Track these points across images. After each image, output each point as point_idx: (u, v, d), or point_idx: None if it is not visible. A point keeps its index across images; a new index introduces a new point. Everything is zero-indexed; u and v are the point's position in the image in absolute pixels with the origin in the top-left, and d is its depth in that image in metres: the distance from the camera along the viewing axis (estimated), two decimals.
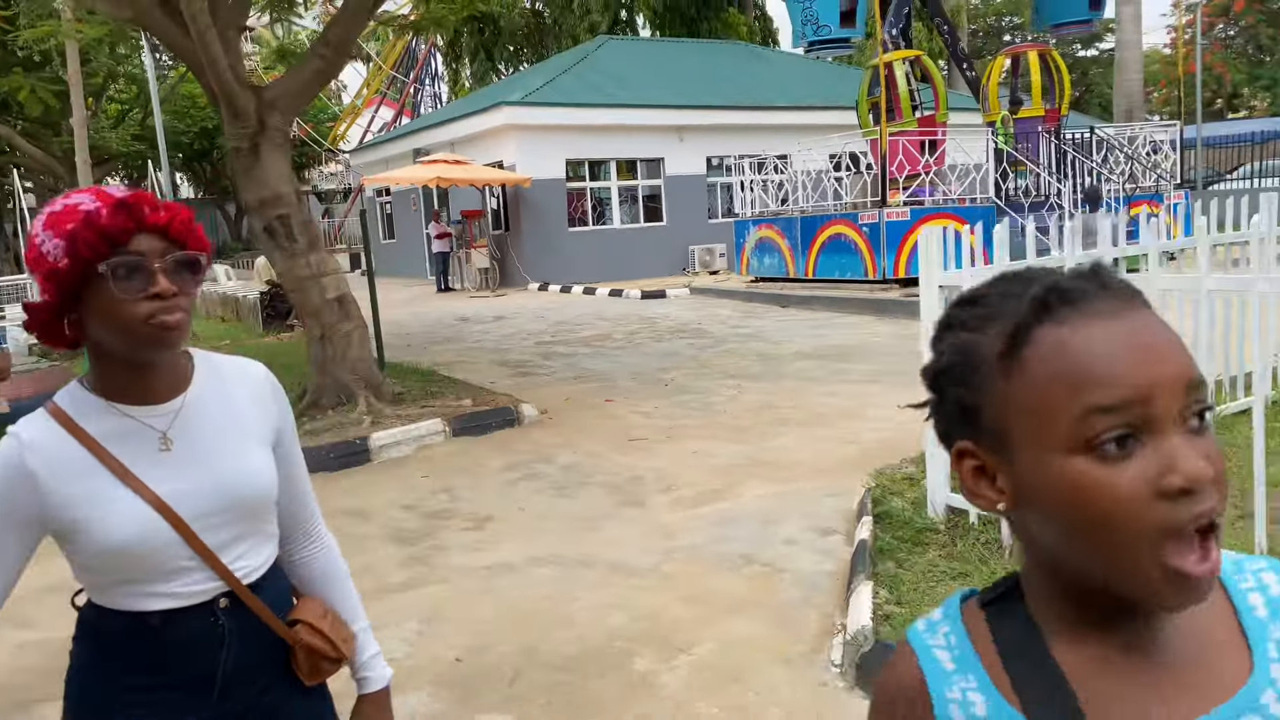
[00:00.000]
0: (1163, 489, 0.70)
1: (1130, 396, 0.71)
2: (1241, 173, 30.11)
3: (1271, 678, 0.76)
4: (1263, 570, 0.81)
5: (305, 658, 1.59)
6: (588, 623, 3.99)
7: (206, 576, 1.49)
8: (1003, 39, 50.55)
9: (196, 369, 1.57)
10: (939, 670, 0.83)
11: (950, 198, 15.72)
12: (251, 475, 1.54)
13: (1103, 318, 0.74)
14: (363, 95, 40.61)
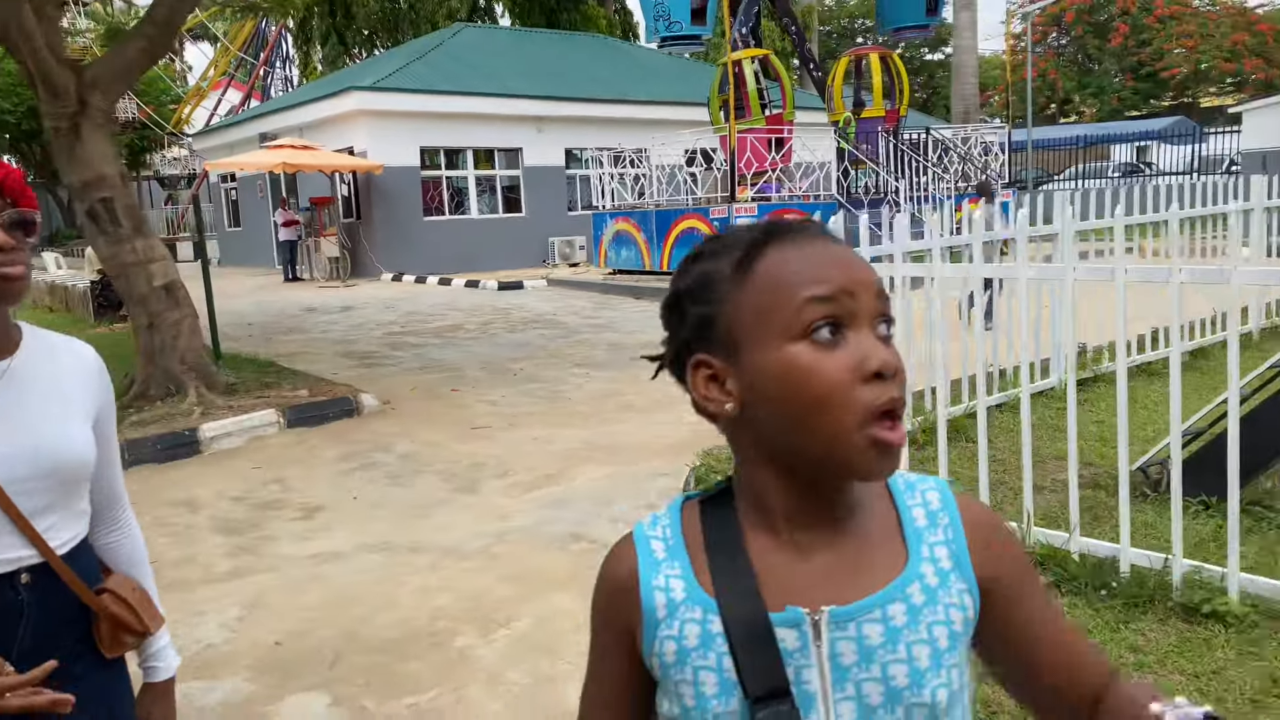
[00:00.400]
0: (863, 373, 0.84)
1: (838, 290, 0.86)
2: (1069, 174, 32.12)
3: (920, 573, 0.90)
4: (929, 489, 0.96)
5: (108, 628, 1.59)
6: (412, 605, 4.03)
7: (16, 543, 1.48)
8: (855, 40, 52.34)
9: (25, 339, 1.57)
10: (651, 559, 0.95)
11: (796, 194, 16.26)
12: (72, 444, 1.54)
13: (813, 243, 0.90)
14: (209, 77, 38.94)
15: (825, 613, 0.88)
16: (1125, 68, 46.06)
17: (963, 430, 5.62)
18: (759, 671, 0.86)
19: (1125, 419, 3.68)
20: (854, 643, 0.88)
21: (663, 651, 0.91)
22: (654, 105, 24.12)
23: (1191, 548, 3.75)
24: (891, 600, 0.88)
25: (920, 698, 0.87)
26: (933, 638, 0.88)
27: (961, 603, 0.91)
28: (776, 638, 0.87)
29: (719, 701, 0.88)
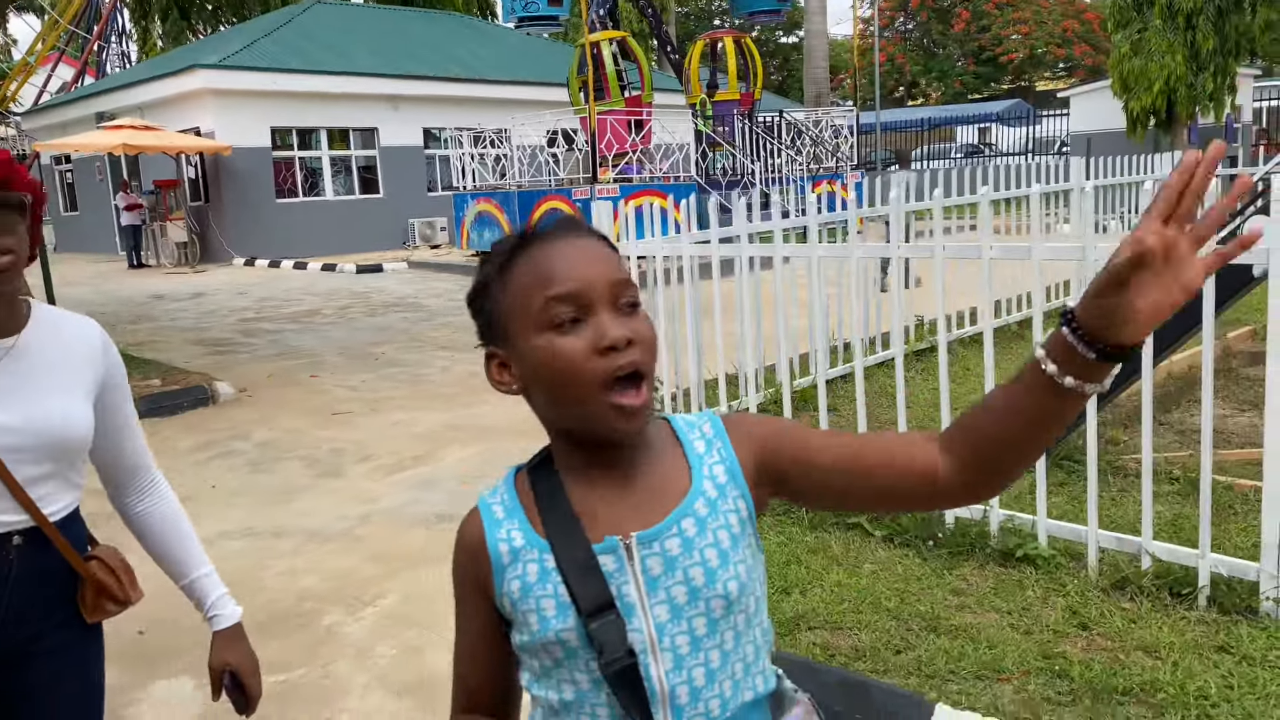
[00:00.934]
0: (597, 347, 1.01)
1: (574, 290, 1.03)
2: (915, 154, 33.54)
3: (702, 490, 1.09)
4: (704, 422, 1.16)
5: (93, 594, 1.68)
6: (278, 588, 4.05)
7: (8, 506, 1.57)
8: (711, 23, 53.10)
9: (33, 316, 1.66)
10: (493, 519, 1.13)
11: (656, 175, 16.54)
12: (69, 419, 1.62)
13: (562, 242, 1.07)
14: (37, 52, 36.55)
15: (634, 538, 1.06)
16: (967, 52, 48.28)
17: (809, 400, 5.95)
18: (588, 592, 1.05)
19: (946, 385, 4.01)
20: (659, 557, 1.06)
21: (510, 590, 1.09)
22: (514, 85, 24.00)
23: (1010, 500, 4.13)
24: (683, 516, 1.07)
25: (715, 591, 1.06)
26: (717, 541, 1.07)
27: (736, 507, 1.09)
28: (599, 564, 1.06)
29: (558, 620, 1.06)
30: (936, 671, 2.97)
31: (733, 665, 1.08)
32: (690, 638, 1.05)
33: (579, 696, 1.07)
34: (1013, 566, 3.66)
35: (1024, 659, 3.00)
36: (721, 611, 1.06)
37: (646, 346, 1.04)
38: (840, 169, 19.02)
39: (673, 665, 1.05)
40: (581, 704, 1.07)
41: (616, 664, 1.03)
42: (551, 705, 1.10)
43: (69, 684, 1.70)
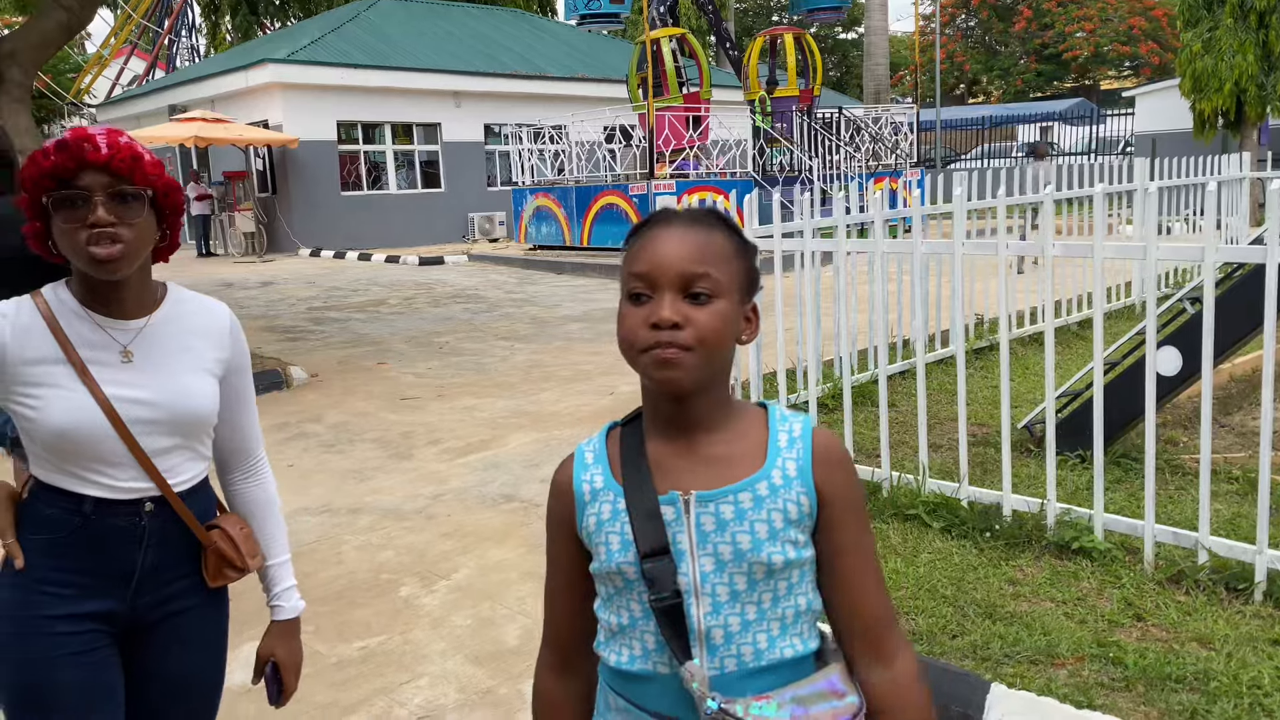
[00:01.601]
0: (648, 322, 1.20)
1: (645, 271, 1.21)
2: (976, 153, 33.16)
3: (769, 476, 1.24)
4: (796, 422, 1.31)
5: (213, 560, 1.79)
6: (356, 560, 4.26)
7: (138, 475, 1.70)
8: (770, 20, 52.90)
9: (167, 298, 1.78)
10: (583, 463, 1.31)
11: (713, 171, 16.63)
12: (194, 396, 1.74)
13: (667, 228, 1.25)
14: (110, 45, 37.59)
15: (693, 495, 1.23)
16: (1029, 50, 47.51)
17: (868, 395, 6.04)
18: (647, 535, 1.22)
19: (1007, 382, 4.08)
20: (713, 517, 1.22)
21: (587, 525, 1.28)
22: (573, 81, 24.23)
23: (1068, 495, 4.19)
24: (743, 490, 1.22)
25: (758, 558, 1.21)
26: (770, 519, 1.22)
27: (798, 500, 1.23)
28: (661, 512, 1.23)
29: (620, 555, 1.24)
30: (991, 655, 3.06)
31: (769, 622, 1.22)
32: (730, 590, 1.21)
33: (632, 621, 1.25)
34: (1068, 558, 3.73)
35: (1079, 646, 3.08)
36: (762, 575, 1.21)
37: (699, 332, 1.19)
38: (899, 166, 18.94)
39: (711, 609, 1.21)
40: (633, 628, 1.25)
41: (664, 600, 1.21)
42: (611, 627, 1.28)
43: (195, 641, 1.82)
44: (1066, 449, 4.68)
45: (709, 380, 1.23)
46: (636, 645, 1.26)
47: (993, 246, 4.11)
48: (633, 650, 1.26)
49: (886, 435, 4.52)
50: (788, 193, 14.10)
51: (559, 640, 1.37)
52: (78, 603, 1.69)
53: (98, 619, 1.71)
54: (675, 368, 1.19)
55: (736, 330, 1.25)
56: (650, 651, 1.24)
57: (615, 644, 1.28)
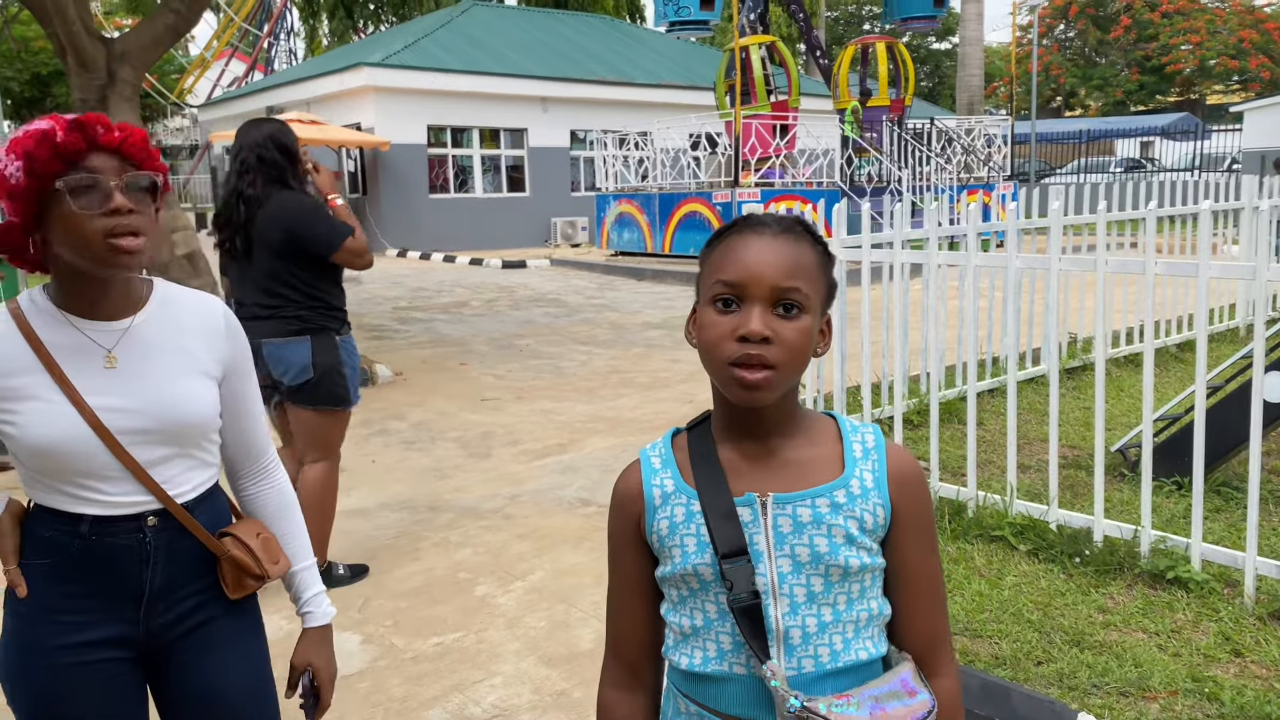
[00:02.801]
0: (736, 333, 1.19)
1: (736, 280, 1.20)
2: (1071, 167, 32.33)
3: (847, 484, 1.24)
4: (868, 433, 1.30)
5: (230, 570, 1.66)
6: (434, 558, 4.31)
7: (135, 489, 1.57)
8: (862, 28, 52.36)
9: (154, 295, 1.64)
10: (651, 467, 1.31)
11: (799, 180, 16.49)
12: (187, 401, 1.60)
13: (755, 236, 1.23)
14: (212, 47, 38.93)
15: (770, 496, 1.23)
16: (1130, 61, 46.12)
17: (955, 412, 5.90)
18: (725, 536, 1.22)
19: (1102, 403, 3.95)
20: (790, 519, 1.22)
21: (659, 528, 1.27)
22: (659, 88, 24.29)
23: (1163, 523, 4.03)
24: (820, 495, 1.23)
25: (835, 561, 1.22)
26: (846, 525, 1.22)
27: (874, 511, 1.24)
28: (738, 514, 1.23)
29: (697, 556, 1.24)
30: (1079, 684, 2.95)
31: (844, 624, 1.23)
32: (807, 591, 1.22)
33: (706, 623, 1.25)
34: (1162, 588, 3.59)
35: (1172, 679, 2.95)
36: (838, 578, 1.22)
37: (786, 348, 1.18)
38: (992, 179, 18.54)
39: (789, 610, 1.21)
40: (708, 629, 1.25)
41: (743, 600, 1.20)
42: (683, 629, 1.27)
43: (224, 650, 1.70)
44: (1162, 475, 4.51)
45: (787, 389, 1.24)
46: (711, 646, 1.25)
47: (1091, 263, 3.98)
48: (707, 652, 1.26)
49: (974, 454, 4.40)
50: (875, 204, 13.92)
51: (625, 652, 1.35)
52: (88, 629, 1.58)
53: (111, 645, 1.61)
54: (759, 389, 1.19)
55: (814, 342, 1.25)
56: (726, 652, 1.24)
57: (687, 646, 1.28)
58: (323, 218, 3.81)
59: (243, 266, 3.82)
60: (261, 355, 3.70)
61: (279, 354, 3.76)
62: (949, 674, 1.30)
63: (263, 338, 3.69)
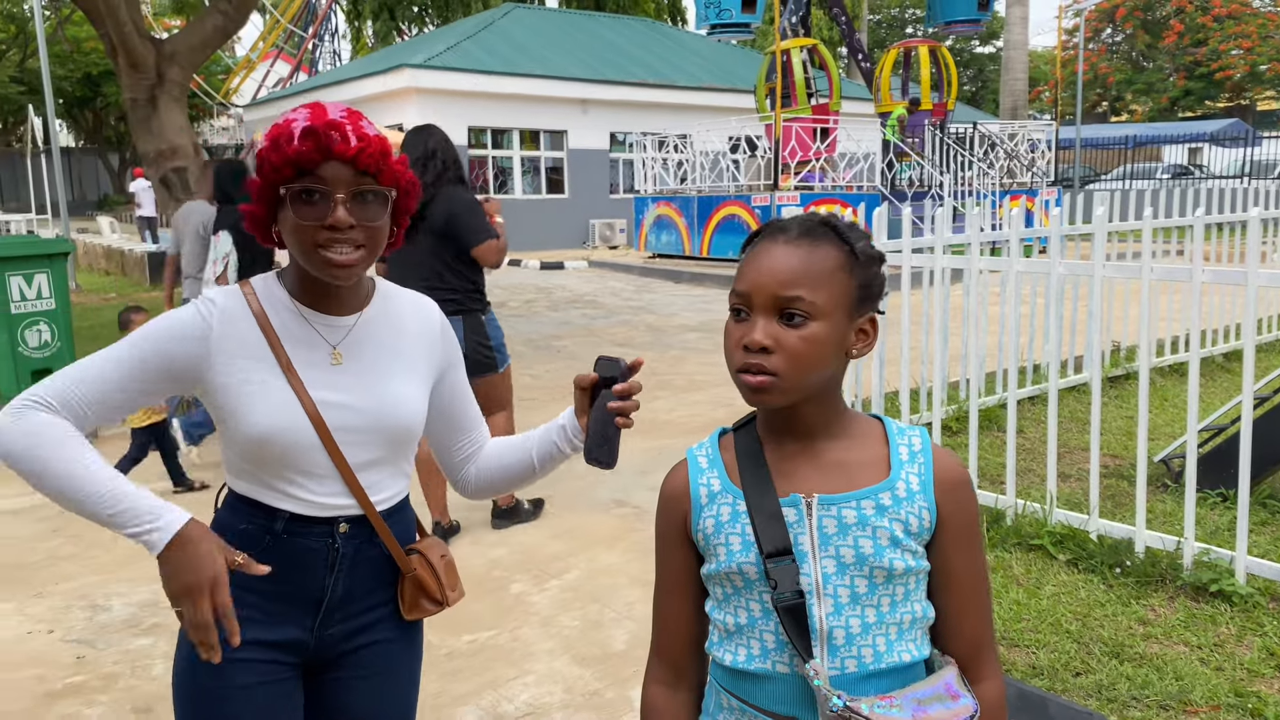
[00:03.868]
0: (741, 342, 1.22)
1: (743, 290, 1.23)
2: (1117, 173, 31.84)
3: (893, 487, 1.25)
4: (914, 435, 1.30)
5: (410, 590, 1.62)
6: (470, 556, 4.34)
7: (339, 490, 1.54)
8: (904, 31, 51.97)
9: (376, 294, 1.62)
10: (697, 467, 1.33)
11: (839, 184, 16.41)
12: (404, 404, 1.57)
13: (771, 244, 1.25)
14: (258, 49, 39.50)
15: (815, 497, 1.24)
16: (1179, 66, 45.37)
17: (995, 420, 5.84)
18: (770, 536, 1.23)
19: (1145, 412, 3.89)
20: (835, 520, 1.23)
21: (704, 527, 1.29)
22: (698, 91, 24.29)
23: (1207, 535, 3.97)
24: (866, 498, 1.23)
25: (879, 563, 1.22)
26: (891, 528, 1.23)
27: (920, 514, 1.25)
28: (783, 514, 1.24)
29: (742, 555, 1.25)
30: (1118, 696, 2.92)
31: (887, 626, 1.23)
32: (851, 592, 1.22)
33: (750, 621, 1.26)
34: (1205, 601, 3.53)
35: (1214, 693, 2.91)
36: (882, 580, 1.23)
37: (785, 354, 1.20)
38: (1035, 184, 18.32)
39: (833, 610, 1.22)
40: (751, 627, 1.26)
41: (787, 600, 1.21)
42: (727, 627, 1.28)
43: (385, 677, 1.65)
44: (1207, 486, 4.44)
45: (810, 393, 1.24)
46: (755, 644, 1.26)
47: (1136, 270, 3.93)
48: (750, 650, 1.27)
49: (1013, 461, 4.36)
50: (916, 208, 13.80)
51: (670, 650, 1.36)
52: (260, 629, 1.53)
53: (280, 648, 1.56)
54: (764, 392, 1.22)
55: (843, 345, 1.25)
56: (769, 650, 1.25)
57: (731, 643, 1.29)
58: (477, 215, 4.39)
59: (405, 251, 4.01)
60: None
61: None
62: (993, 677, 1.29)
63: None
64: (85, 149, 44.56)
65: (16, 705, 3.19)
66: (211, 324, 1.49)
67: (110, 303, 13.26)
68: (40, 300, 7.20)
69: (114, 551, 4.47)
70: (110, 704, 3.18)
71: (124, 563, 4.31)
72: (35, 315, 7.19)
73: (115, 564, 4.33)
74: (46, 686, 3.31)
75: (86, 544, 4.60)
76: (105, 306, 12.76)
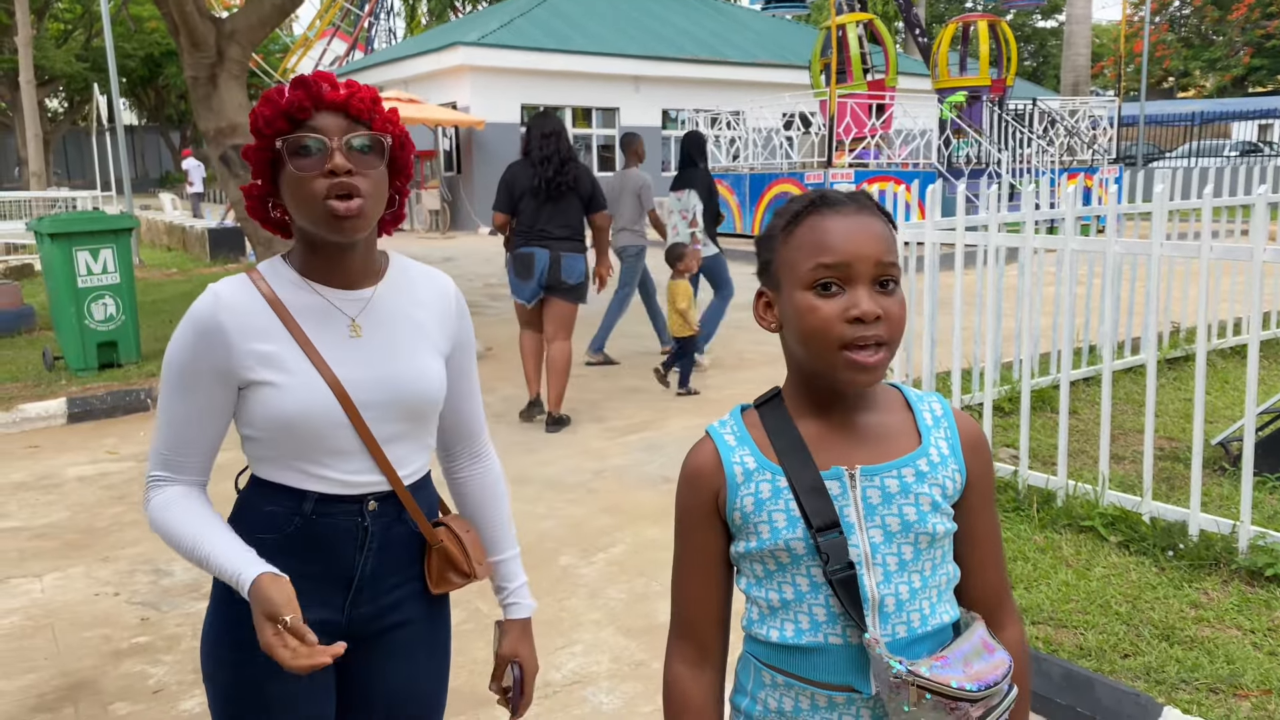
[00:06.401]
0: (846, 316, 1.19)
1: (839, 261, 1.20)
2: (1182, 150, 31.01)
3: (928, 453, 1.26)
4: (934, 401, 1.33)
5: (438, 563, 1.60)
6: (520, 527, 4.36)
7: (366, 467, 1.52)
8: (964, 5, 50.95)
9: (390, 266, 1.60)
10: (726, 445, 1.30)
11: (894, 162, 16.20)
12: (425, 376, 1.56)
13: (842, 215, 1.23)
14: (315, 27, 39.87)
15: (858, 469, 1.25)
16: (1249, 40, 43.92)
17: (1048, 400, 5.77)
18: (817, 510, 1.23)
19: (1202, 394, 3.82)
20: (879, 490, 1.24)
21: (743, 505, 1.27)
22: (751, 67, 24.08)
23: (1264, 519, 3.90)
24: (905, 465, 1.25)
25: (924, 528, 1.25)
26: (932, 493, 1.25)
27: (953, 477, 1.28)
28: (826, 488, 1.24)
29: (788, 531, 1.25)
30: (1166, 679, 2.89)
31: (930, 589, 1.26)
32: (899, 559, 1.24)
33: (798, 596, 1.26)
34: (1260, 585, 3.47)
35: (1266, 678, 2.87)
36: (926, 545, 1.25)
37: (893, 323, 1.20)
38: (1096, 162, 17.93)
39: (883, 579, 1.23)
40: (800, 602, 1.26)
41: (840, 572, 1.22)
42: (771, 604, 1.28)
43: (417, 655, 1.65)
44: (1265, 470, 4.36)
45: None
46: (804, 619, 1.26)
47: (1194, 249, 3.85)
48: (799, 624, 1.26)
49: (1065, 442, 4.31)
50: (973, 186, 13.60)
51: (695, 628, 1.34)
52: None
53: (314, 630, 1.48)
54: (876, 370, 1.20)
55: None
56: (820, 624, 1.25)
57: (776, 619, 1.28)
58: (599, 188, 6.12)
59: (548, 204, 5.86)
60: (560, 262, 5.85)
61: (571, 263, 5.88)
62: (1016, 623, 1.35)
63: (562, 251, 5.86)
64: (148, 127, 45.48)
65: (85, 663, 3.33)
66: (220, 319, 1.46)
67: (172, 278, 13.57)
68: (105, 275, 7.40)
69: None
70: (173, 664, 3.30)
71: None
72: (101, 289, 7.40)
73: None
74: (113, 646, 3.44)
75: None
76: (167, 281, 13.06)
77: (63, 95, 39.87)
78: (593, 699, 3.04)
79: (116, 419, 6.59)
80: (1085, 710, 2.80)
